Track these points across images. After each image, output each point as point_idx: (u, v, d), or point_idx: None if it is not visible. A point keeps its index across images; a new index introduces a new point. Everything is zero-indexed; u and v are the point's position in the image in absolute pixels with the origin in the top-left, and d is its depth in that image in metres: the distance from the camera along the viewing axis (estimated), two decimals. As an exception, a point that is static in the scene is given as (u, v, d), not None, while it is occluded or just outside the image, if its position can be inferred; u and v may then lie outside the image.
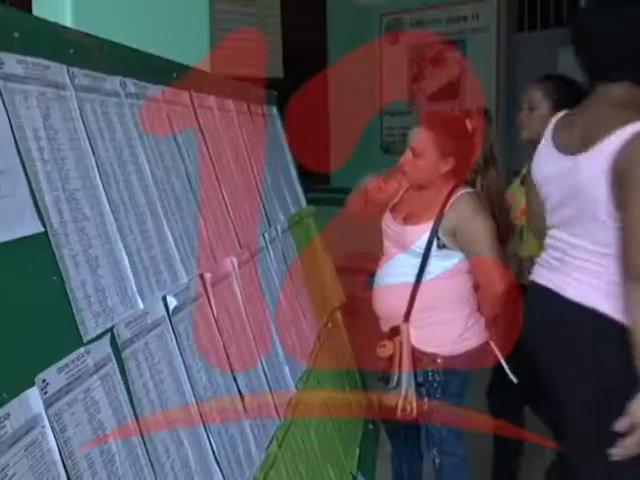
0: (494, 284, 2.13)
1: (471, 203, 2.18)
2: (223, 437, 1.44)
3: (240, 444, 1.51)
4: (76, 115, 1.22)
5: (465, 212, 2.17)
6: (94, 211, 1.19)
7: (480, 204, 2.18)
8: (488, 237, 2.13)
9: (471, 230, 2.16)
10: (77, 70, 1.25)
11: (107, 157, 1.28)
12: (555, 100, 2.49)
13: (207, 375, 1.44)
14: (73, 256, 1.08)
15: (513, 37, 5.42)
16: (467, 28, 5.44)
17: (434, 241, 2.19)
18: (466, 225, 2.16)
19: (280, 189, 2.59)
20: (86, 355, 1.04)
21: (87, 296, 1.09)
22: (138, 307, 1.24)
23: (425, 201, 2.27)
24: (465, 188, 2.21)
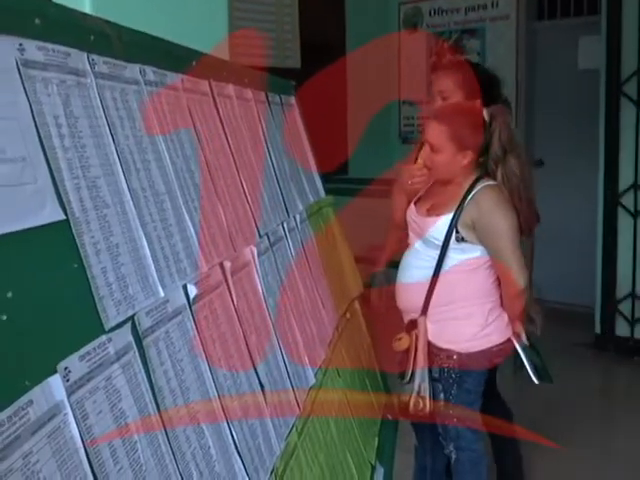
0: (514, 280, 2.10)
1: (491, 196, 2.14)
2: (244, 426, 1.43)
3: (260, 433, 1.51)
4: (96, 103, 1.21)
5: (484, 206, 2.13)
6: (114, 199, 1.18)
7: (501, 197, 2.13)
8: (508, 231, 2.09)
9: (490, 224, 2.12)
10: (97, 57, 1.24)
11: (127, 145, 1.28)
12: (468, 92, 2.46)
13: (227, 364, 1.44)
14: (94, 244, 1.08)
15: (533, 26, 5.36)
16: (486, 16, 5.39)
17: (452, 234, 2.17)
18: (485, 219, 2.12)
19: (299, 179, 2.58)
20: (107, 343, 1.04)
21: (108, 284, 1.09)
22: (159, 295, 1.24)
23: (447, 194, 2.25)
24: (486, 180, 2.17)
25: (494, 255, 2.14)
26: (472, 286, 2.19)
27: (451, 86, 2.47)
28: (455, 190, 2.21)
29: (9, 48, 1.00)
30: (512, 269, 2.09)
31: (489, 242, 2.14)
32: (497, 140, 2.17)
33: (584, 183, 5.18)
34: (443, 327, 2.18)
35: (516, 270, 2.09)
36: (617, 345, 4.56)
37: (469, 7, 5.47)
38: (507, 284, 2.16)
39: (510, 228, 2.10)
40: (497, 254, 2.13)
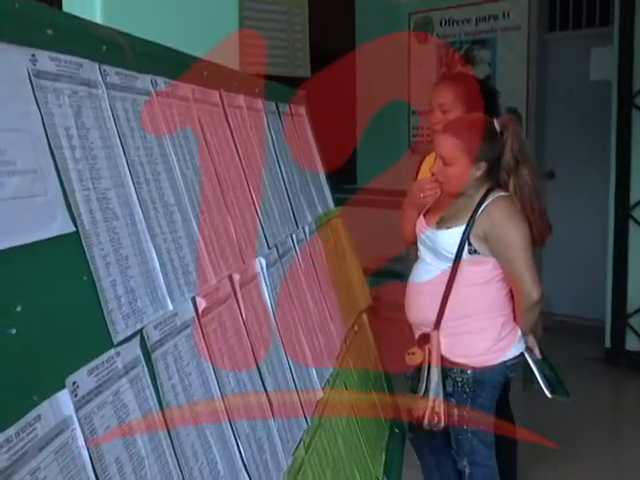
0: (528, 292, 2.09)
1: (503, 207, 2.14)
2: (251, 441, 1.43)
3: (267, 448, 1.50)
4: (107, 114, 1.21)
5: (497, 217, 2.13)
6: (124, 211, 1.18)
7: (513, 208, 2.13)
8: (521, 242, 2.09)
9: (503, 236, 2.12)
10: (109, 68, 1.24)
11: (137, 156, 1.28)
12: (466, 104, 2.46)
13: (235, 378, 1.43)
14: (104, 256, 1.08)
15: (544, 36, 5.38)
16: (497, 27, 5.41)
17: (465, 246, 2.16)
18: (497, 230, 2.12)
19: (308, 190, 2.58)
20: (116, 357, 1.03)
21: (117, 297, 1.09)
22: (167, 308, 1.23)
23: (458, 205, 2.24)
24: (498, 191, 2.17)
25: (507, 267, 2.14)
26: (485, 299, 2.19)
27: (451, 99, 2.48)
28: (466, 202, 2.20)
29: (21, 59, 1.00)
30: (525, 281, 2.09)
31: (502, 254, 2.13)
32: (509, 150, 2.18)
33: (595, 195, 5.17)
34: (456, 341, 2.18)
35: (529, 282, 2.09)
36: (628, 359, 4.54)
37: (480, 17, 5.49)
38: (520, 296, 2.15)
39: (523, 239, 2.10)
40: (510, 266, 2.13)
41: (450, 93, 2.48)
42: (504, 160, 2.18)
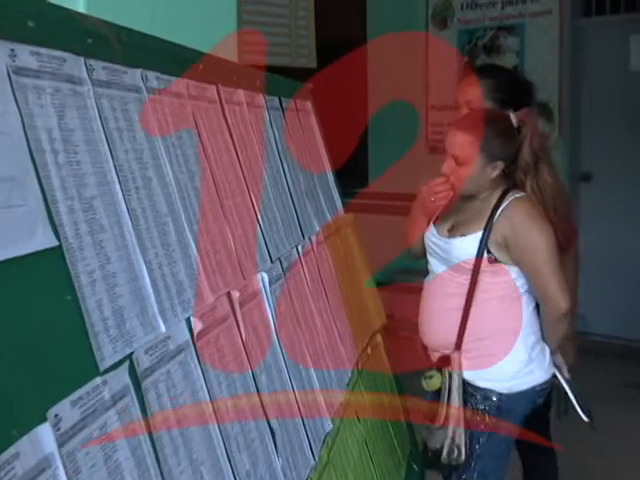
0: (555, 302, 2.09)
1: (524, 209, 2.13)
2: (251, 479, 1.43)
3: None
4: (93, 113, 1.22)
5: (517, 220, 2.13)
6: (112, 221, 1.19)
7: (534, 210, 2.13)
8: (545, 247, 2.09)
9: (524, 240, 2.11)
10: (95, 62, 1.25)
11: (126, 160, 1.29)
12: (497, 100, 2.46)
13: (235, 408, 1.44)
14: (89, 273, 1.09)
15: (579, 22, 5.38)
16: (526, 11, 5.41)
17: (484, 255, 2.16)
18: (519, 235, 2.11)
19: (315, 195, 2.59)
20: (102, 386, 1.04)
21: (104, 318, 1.10)
22: (159, 331, 1.24)
23: (472, 210, 2.23)
24: (516, 192, 2.17)
25: (531, 275, 2.13)
26: (511, 315, 2.18)
27: (479, 95, 2.48)
28: (481, 205, 2.20)
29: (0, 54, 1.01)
30: (552, 289, 2.09)
31: (525, 261, 2.13)
32: (527, 147, 2.18)
33: (637, 199, 5.16)
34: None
35: (556, 290, 2.08)
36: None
37: (507, 1, 5.50)
38: (547, 307, 2.14)
39: (548, 243, 2.09)
40: (534, 273, 2.12)
41: (478, 88, 2.48)
42: (522, 158, 2.17)
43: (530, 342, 2.18)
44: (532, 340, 2.18)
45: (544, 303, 2.17)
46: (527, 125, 2.20)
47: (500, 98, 2.46)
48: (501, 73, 2.67)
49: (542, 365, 2.20)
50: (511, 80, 2.61)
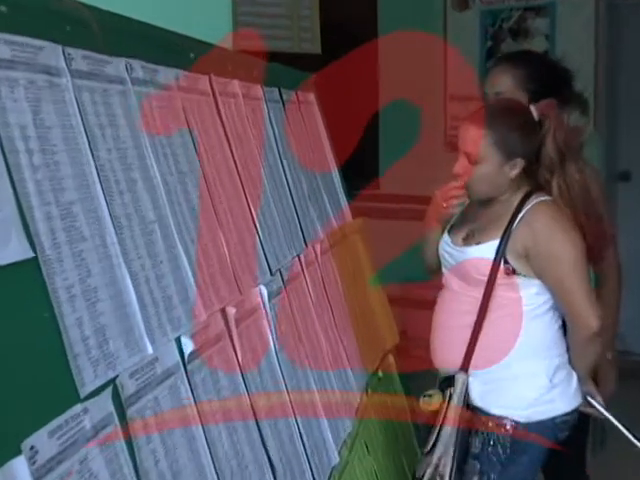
0: (584, 320, 2.06)
1: (548, 214, 2.12)
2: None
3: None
4: (72, 108, 1.23)
5: (540, 227, 2.11)
6: (93, 230, 1.20)
7: (559, 214, 2.12)
8: (571, 256, 2.08)
9: (547, 249, 2.10)
10: (74, 51, 1.27)
11: (109, 160, 1.30)
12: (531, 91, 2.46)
13: (230, 438, 1.45)
14: (68, 287, 1.10)
15: (615, 1, 5.38)
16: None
17: (500, 265, 2.14)
18: (542, 244, 2.10)
19: (319, 198, 2.60)
20: (83, 415, 1.05)
21: (84, 338, 1.11)
22: (146, 352, 1.25)
23: (491, 215, 2.21)
24: (540, 195, 2.16)
25: (555, 289, 2.12)
26: (532, 335, 2.15)
27: (510, 85, 2.48)
28: (500, 210, 2.18)
29: (-32, 43, 1.03)
30: (579, 306, 2.07)
31: (548, 272, 2.12)
32: (551, 143, 2.14)
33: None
34: (495, 389, 2.14)
35: (585, 306, 2.06)
36: None
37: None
38: (575, 326, 2.13)
39: (575, 253, 2.08)
40: (559, 287, 2.12)
41: (509, 77, 2.47)
42: (545, 155, 2.14)
43: (552, 366, 2.16)
44: (555, 364, 2.16)
45: (571, 321, 2.16)
46: (550, 118, 2.18)
47: (534, 89, 2.46)
48: (534, 60, 2.67)
49: (566, 393, 2.18)
50: (546, 68, 2.60)
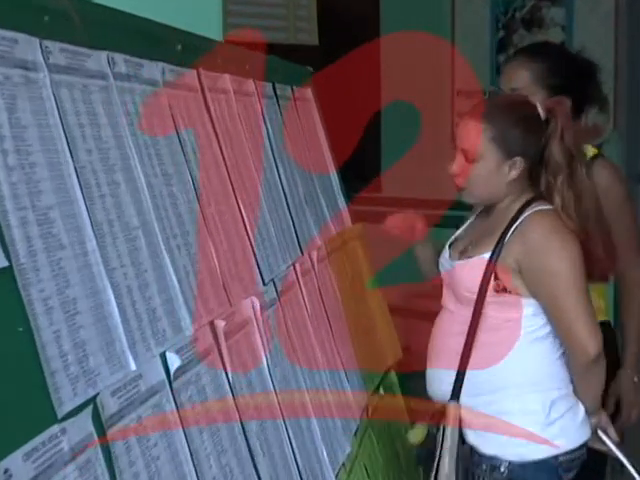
0: (581, 344, 2.02)
1: (544, 225, 2.09)
2: None
3: None
4: (50, 106, 1.24)
5: (534, 237, 2.07)
6: (72, 237, 1.21)
7: (558, 225, 2.08)
8: (569, 274, 2.03)
9: (541, 262, 2.06)
10: (52, 44, 1.28)
11: (89, 162, 1.31)
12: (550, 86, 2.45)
13: (219, 462, 1.45)
14: (45, 299, 1.10)
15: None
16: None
17: (490, 282, 2.09)
18: (533, 256, 2.06)
19: (316, 201, 2.61)
20: (61, 435, 1.05)
21: (62, 354, 1.11)
22: (129, 368, 1.26)
23: (487, 225, 2.16)
24: (541, 204, 2.11)
25: (549, 308, 2.08)
26: (527, 363, 2.12)
27: (528, 81, 2.47)
28: (497, 219, 2.11)
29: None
30: (577, 330, 2.02)
31: (542, 290, 2.07)
32: (557, 143, 2.12)
33: None
34: (485, 424, 2.10)
35: (582, 330, 2.01)
36: None
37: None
38: (571, 351, 2.09)
39: (573, 269, 2.04)
40: (553, 306, 2.07)
41: (527, 71, 2.45)
42: (550, 157, 2.12)
43: (550, 398, 2.10)
44: (553, 396, 2.10)
45: (567, 346, 2.10)
46: (557, 116, 2.14)
47: (555, 84, 2.45)
48: (555, 52, 2.67)
49: (569, 428, 2.12)
50: (567, 61, 2.59)
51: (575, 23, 5.38)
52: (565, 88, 2.44)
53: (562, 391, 2.13)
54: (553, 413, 2.09)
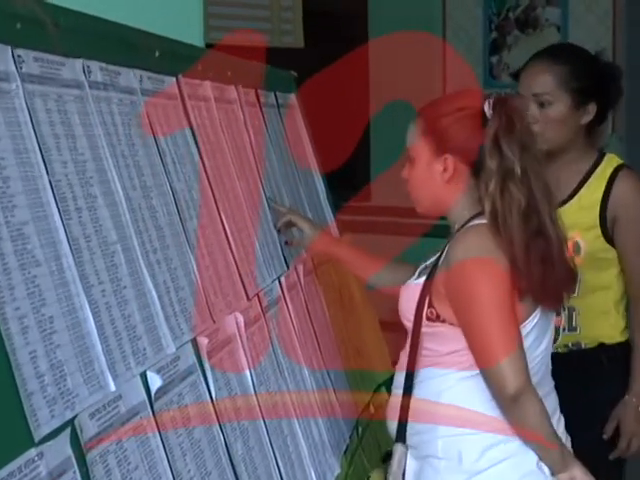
0: (497, 379, 1.86)
1: (466, 244, 1.94)
2: None
3: None
4: (24, 117, 1.25)
5: (453, 260, 1.93)
6: (47, 253, 1.22)
7: (482, 245, 1.92)
8: (490, 300, 1.88)
9: (458, 283, 1.92)
10: (25, 52, 1.28)
11: (65, 175, 1.32)
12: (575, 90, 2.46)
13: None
14: (20, 318, 1.11)
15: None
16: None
17: (424, 309, 1.97)
18: (454, 282, 1.93)
19: (302, 212, 2.61)
20: (38, 460, 1.06)
21: (39, 374, 1.12)
22: (108, 389, 1.26)
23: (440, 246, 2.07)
24: (481, 218, 1.95)
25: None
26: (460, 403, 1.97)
27: (551, 85, 2.44)
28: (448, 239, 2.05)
29: None
30: (493, 359, 1.87)
31: (460, 315, 1.92)
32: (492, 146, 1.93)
33: None
34: (425, 469, 1.99)
35: (499, 362, 1.84)
36: None
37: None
38: (489, 388, 1.91)
39: (494, 295, 1.88)
40: (468, 333, 1.92)
41: (550, 75, 2.42)
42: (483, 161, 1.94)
43: (486, 442, 1.94)
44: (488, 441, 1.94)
45: (485, 381, 1.92)
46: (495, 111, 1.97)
47: (579, 87, 2.45)
48: (577, 55, 2.66)
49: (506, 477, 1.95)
50: (592, 64, 2.59)
51: (571, 23, 5.39)
52: (590, 92, 2.45)
53: (503, 433, 1.93)
54: (482, 461, 1.93)
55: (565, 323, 2.46)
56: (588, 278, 2.46)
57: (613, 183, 2.49)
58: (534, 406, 1.86)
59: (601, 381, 2.53)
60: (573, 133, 2.49)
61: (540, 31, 5.44)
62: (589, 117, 2.48)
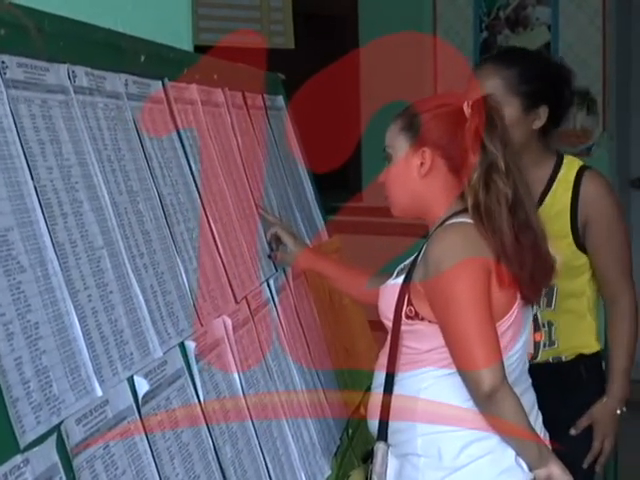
0: (473, 376, 1.87)
1: (444, 241, 1.95)
2: None
3: None
4: (7, 123, 1.25)
5: (431, 257, 1.93)
6: (33, 259, 1.22)
7: (461, 241, 1.94)
8: (469, 296, 1.88)
9: (437, 287, 1.91)
10: (9, 58, 1.29)
11: (50, 180, 1.32)
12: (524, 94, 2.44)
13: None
14: (5, 324, 1.11)
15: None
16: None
17: (403, 307, 1.98)
18: (429, 273, 1.92)
19: (290, 214, 2.62)
20: (23, 467, 1.06)
21: (24, 380, 1.12)
22: (95, 394, 1.27)
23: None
24: (462, 216, 1.97)
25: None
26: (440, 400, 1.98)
27: (499, 88, 2.41)
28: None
29: None
30: (468, 355, 1.88)
31: (438, 315, 1.92)
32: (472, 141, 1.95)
33: None
34: (405, 467, 2.00)
35: (475, 358, 1.86)
36: None
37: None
38: (466, 385, 1.92)
39: (473, 291, 1.89)
40: (445, 330, 1.92)
41: (498, 79, 2.41)
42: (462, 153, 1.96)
43: (465, 439, 1.96)
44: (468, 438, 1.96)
45: (461, 377, 1.92)
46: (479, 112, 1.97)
47: (528, 91, 2.43)
48: (526, 58, 2.65)
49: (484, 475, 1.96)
50: (541, 66, 2.59)
51: (561, 22, 5.39)
52: (540, 95, 2.44)
53: (483, 431, 1.94)
54: (462, 457, 1.95)
55: (545, 339, 2.45)
56: (562, 287, 2.46)
57: (579, 186, 2.46)
58: (510, 403, 1.88)
59: (578, 389, 2.54)
60: (525, 138, 2.43)
61: (530, 30, 5.44)
62: (541, 121, 2.43)
